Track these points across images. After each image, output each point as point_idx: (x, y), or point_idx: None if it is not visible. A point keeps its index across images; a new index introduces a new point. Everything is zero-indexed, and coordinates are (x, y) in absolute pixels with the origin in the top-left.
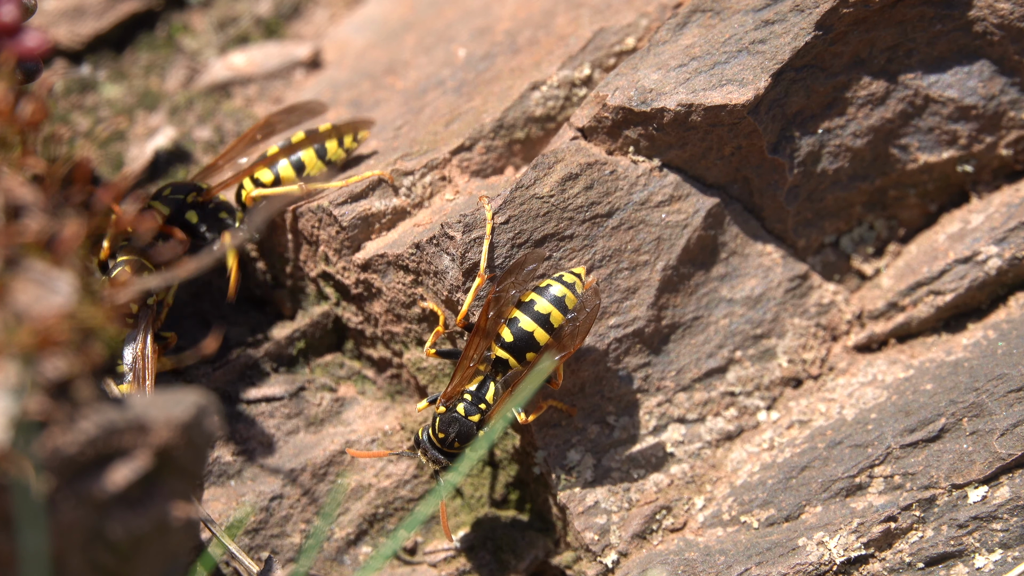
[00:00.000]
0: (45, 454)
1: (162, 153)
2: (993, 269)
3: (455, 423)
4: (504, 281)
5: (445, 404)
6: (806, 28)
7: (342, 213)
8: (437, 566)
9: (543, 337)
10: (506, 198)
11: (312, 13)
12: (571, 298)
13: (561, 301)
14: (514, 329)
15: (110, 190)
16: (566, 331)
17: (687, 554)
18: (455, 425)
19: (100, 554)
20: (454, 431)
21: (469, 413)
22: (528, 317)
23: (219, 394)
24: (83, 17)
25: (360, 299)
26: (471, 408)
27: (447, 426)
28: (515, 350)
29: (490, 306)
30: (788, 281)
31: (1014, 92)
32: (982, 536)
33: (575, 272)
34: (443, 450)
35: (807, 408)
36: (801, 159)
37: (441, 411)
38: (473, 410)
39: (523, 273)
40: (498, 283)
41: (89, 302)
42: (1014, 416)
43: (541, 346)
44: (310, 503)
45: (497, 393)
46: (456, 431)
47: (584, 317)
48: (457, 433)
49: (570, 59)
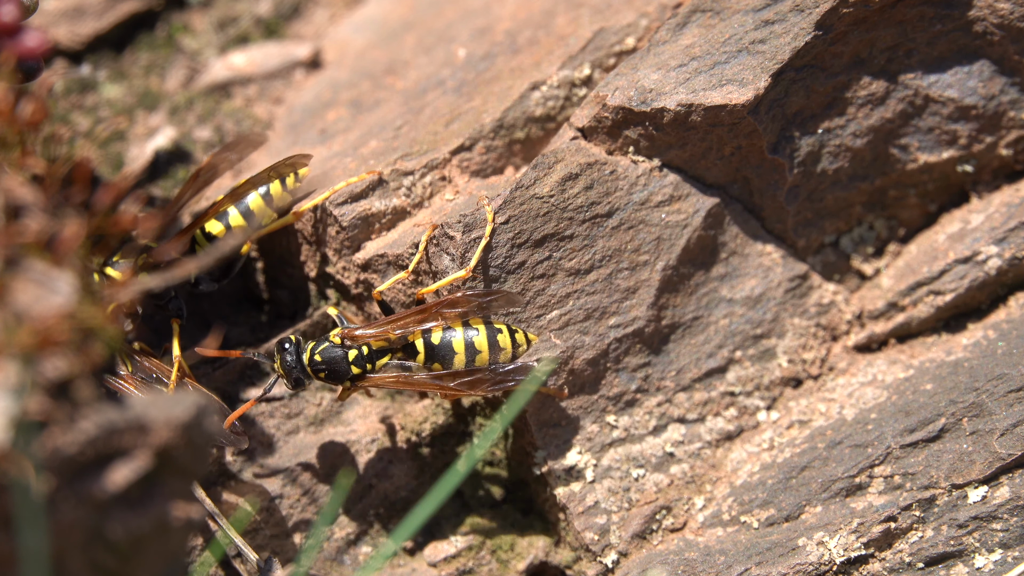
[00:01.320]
0: (45, 454)
1: (162, 153)
2: (993, 269)
3: (339, 362)
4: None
5: (343, 336)
6: (806, 28)
7: (342, 213)
8: (437, 566)
9: (460, 362)
10: (506, 198)
11: (312, 13)
12: (507, 354)
13: (496, 346)
14: (444, 337)
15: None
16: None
17: (687, 554)
18: (337, 363)
19: (100, 554)
20: (332, 367)
21: (355, 363)
22: (461, 339)
23: (219, 394)
24: (83, 17)
25: (360, 299)
26: (360, 361)
27: (330, 358)
28: (430, 353)
29: (445, 302)
30: (788, 281)
31: (1014, 92)
32: (982, 536)
33: (529, 337)
34: (304, 370)
35: (807, 408)
36: (801, 159)
37: (336, 341)
38: (360, 363)
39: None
40: (467, 291)
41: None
42: (1014, 416)
43: (452, 367)
44: (310, 503)
45: (386, 368)
46: (333, 368)
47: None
48: (331, 370)
49: (570, 59)
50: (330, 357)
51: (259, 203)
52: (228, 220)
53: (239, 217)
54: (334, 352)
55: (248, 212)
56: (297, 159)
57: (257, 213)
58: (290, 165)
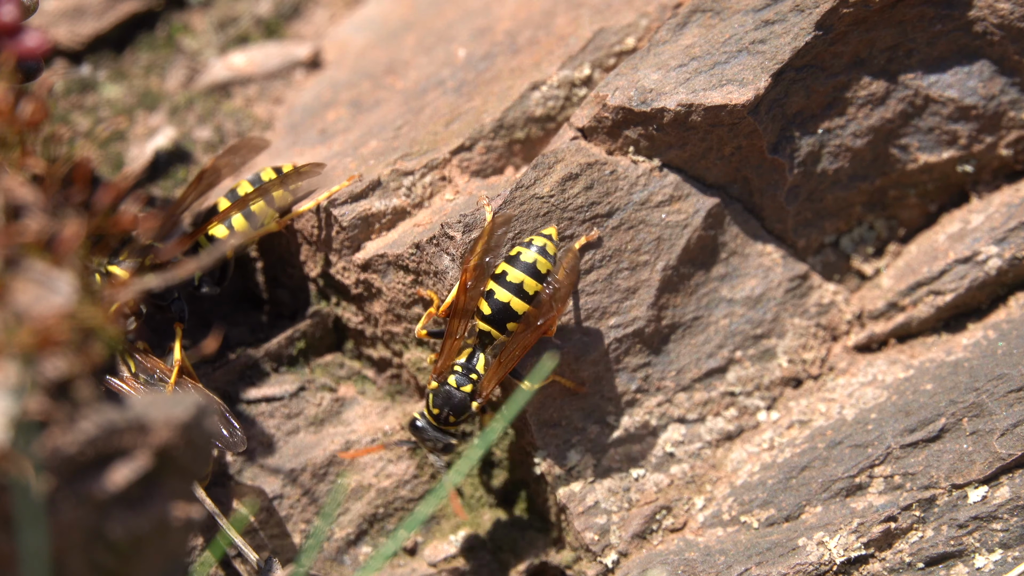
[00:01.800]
0: (45, 454)
1: (162, 153)
2: (993, 269)
3: (449, 396)
4: (474, 251)
5: (436, 379)
6: (806, 28)
7: (342, 213)
8: (437, 566)
9: (520, 306)
10: (506, 198)
11: (312, 13)
12: (543, 262)
13: (533, 267)
14: (491, 302)
15: (110, 190)
16: (545, 295)
17: (687, 554)
18: (449, 398)
19: (100, 554)
20: (448, 405)
21: (461, 384)
22: (503, 288)
23: (219, 394)
24: (83, 17)
25: (360, 299)
26: (462, 379)
27: (440, 400)
28: (495, 322)
29: (465, 282)
30: (788, 281)
31: (1014, 92)
32: (982, 536)
33: (545, 234)
34: (441, 428)
35: (807, 408)
36: (801, 159)
37: (433, 386)
38: (464, 380)
39: (492, 240)
40: (468, 253)
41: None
42: (1014, 416)
43: (520, 315)
44: (310, 503)
45: (487, 364)
46: (450, 404)
47: (564, 277)
48: (452, 407)
49: (570, 59)
50: (443, 399)
51: (260, 204)
52: (231, 221)
53: (241, 218)
54: (439, 393)
55: (250, 213)
56: (312, 169)
57: (259, 214)
58: (303, 175)
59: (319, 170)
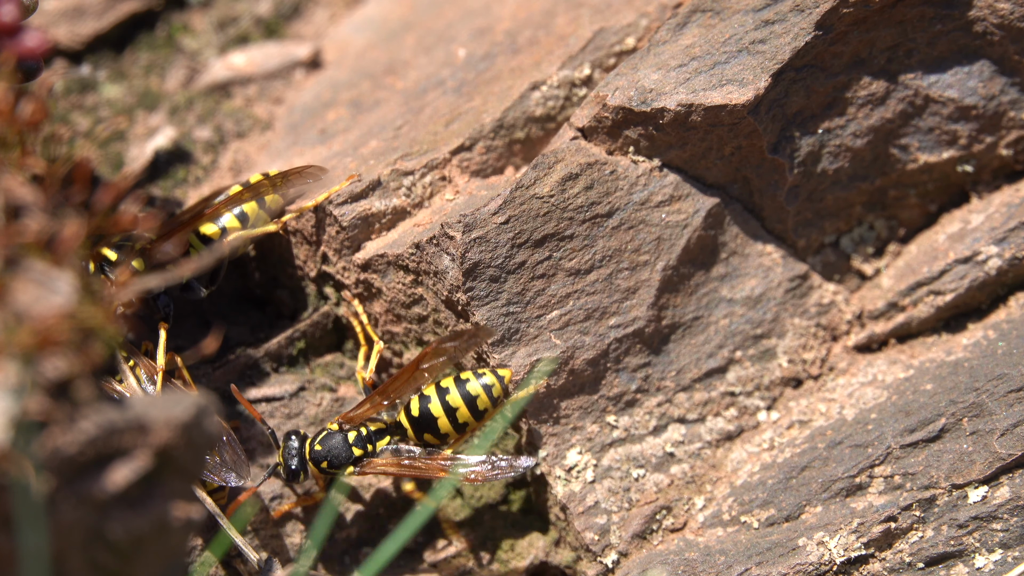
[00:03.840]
0: (45, 454)
1: (162, 153)
2: (993, 269)
3: (337, 447)
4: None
5: (339, 424)
6: (806, 28)
7: (342, 213)
8: (437, 566)
9: (445, 427)
10: (506, 198)
11: (312, 13)
12: (483, 400)
13: (472, 400)
14: (422, 406)
15: (110, 190)
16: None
17: (687, 554)
18: (336, 449)
19: (100, 554)
20: (331, 454)
21: (356, 445)
22: (439, 401)
23: (219, 394)
24: (83, 17)
25: (360, 299)
26: (360, 444)
27: (328, 444)
28: (416, 425)
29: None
30: (788, 281)
31: (1014, 92)
32: (982, 536)
33: (500, 373)
34: (305, 461)
35: (807, 408)
36: (801, 159)
37: (332, 427)
38: (361, 444)
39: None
40: (436, 342)
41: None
42: (1014, 416)
43: (442, 434)
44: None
45: (384, 453)
46: (333, 454)
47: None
48: (332, 457)
49: (570, 59)
50: (330, 444)
51: (252, 206)
52: (223, 222)
53: (234, 219)
54: (333, 438)
55: (242, 215)
56: (313, 171)
57: (251, 216)
58: (303, 176)
59: (320, 173)
